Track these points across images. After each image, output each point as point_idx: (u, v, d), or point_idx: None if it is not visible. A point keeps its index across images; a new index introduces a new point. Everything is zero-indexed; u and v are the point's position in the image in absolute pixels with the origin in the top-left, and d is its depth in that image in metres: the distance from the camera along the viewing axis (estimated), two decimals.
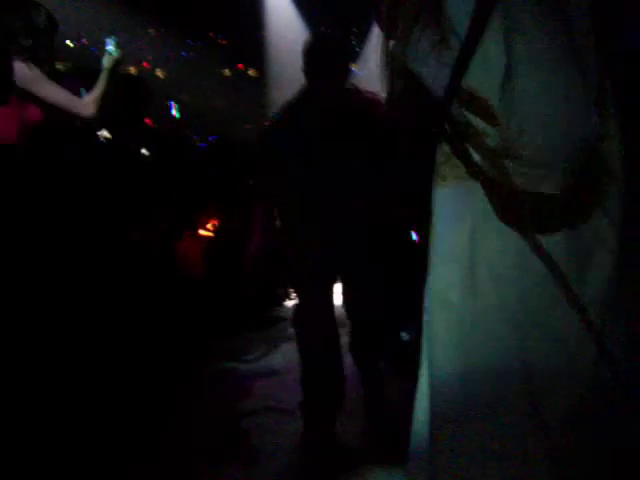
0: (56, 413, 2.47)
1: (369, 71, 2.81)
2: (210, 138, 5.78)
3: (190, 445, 2.83)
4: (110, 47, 2.98)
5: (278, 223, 2.90)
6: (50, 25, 2.81)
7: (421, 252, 3.39)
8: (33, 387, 2.39)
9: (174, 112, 4.96)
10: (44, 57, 2.77)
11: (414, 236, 3.55)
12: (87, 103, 2.86)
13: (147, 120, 4.48)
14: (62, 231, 2.67)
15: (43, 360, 2.44)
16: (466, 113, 1.38)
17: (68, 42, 6.56)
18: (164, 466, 2.64)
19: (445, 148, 1.45)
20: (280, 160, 2.72)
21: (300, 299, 2.86)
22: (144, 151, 3.90)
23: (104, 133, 3.49)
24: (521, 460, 1.35)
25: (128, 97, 3.87)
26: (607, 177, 1.37)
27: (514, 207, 1.36)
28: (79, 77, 3.68)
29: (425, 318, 1.49)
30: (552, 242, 1.35)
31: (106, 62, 2.96)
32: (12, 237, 2.39)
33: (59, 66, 4.74)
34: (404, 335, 3.93)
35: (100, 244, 2.99)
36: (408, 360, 3.58)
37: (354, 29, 7.76)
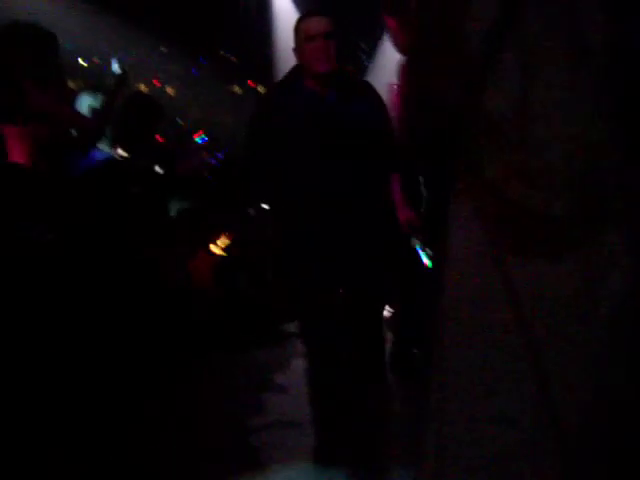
0: (57, 413, 2.46)
1: (378, 85, 2.82)
2: (219, 155, 5.80)
3: (198, 459, 2.82)
4: (115, 66, 3.08)
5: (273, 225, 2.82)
6: (48, 42, 2.84)
7: (432, 268, 3.37)
8: (34, 387, 2.38)
9: (199, 140, 5.04)
10: (48, 74, 2.81)
11: (423, 256, 3.53)
12: (91, 118, 2.93)
13: (158, 137, 4.52)
14: (76, 245, 2.69)
15: (45, 360, 2.43)
16: (482, 133, 1.39)
17: (80, 61, 6.65)
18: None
19: (460, 167, 1.46)
20: (272, 141, 2.61)
21: (302, 317, 2.75)
22: (156, 168, 3.94)
23: (119, 151, 3.53)
24: (535, 467, 1.36)
25: (139, 114, 3.91)
26: (617, 193, 1.37)
27: (527, 230, 1.37)
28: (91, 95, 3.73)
29: (436, 333, 1.50)
30: (565, 262, 1.36)
31: (112, 81, 3.06)
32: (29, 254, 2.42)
33: (71, 84, 4.80)
34: (414, 349, 3.92)
35: (110, 256, 3.01)
36: (417, 373, 3.58)
37: (363, 45, 7.81)
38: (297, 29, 2.67)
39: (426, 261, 3.51)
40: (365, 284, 2.67)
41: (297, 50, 2.67)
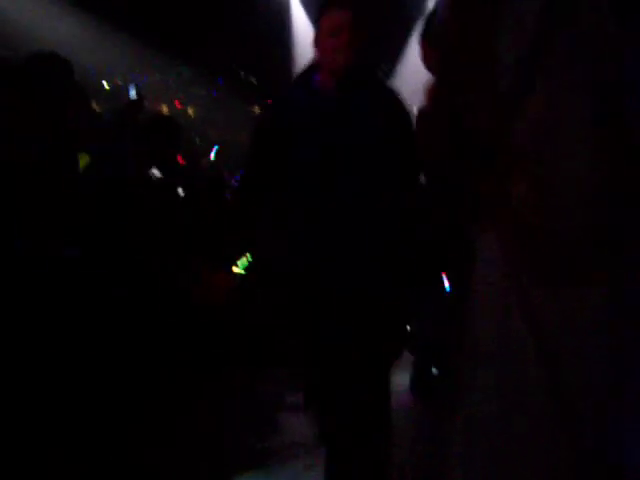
0: (57, 413, 2.46)
1: None
2: (237, 176, 5.84)
3: (200, 460, 2.82)
4: (132, 92, 3.22)
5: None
6: (53, 67, 2.89)
7: (451, 288, 3.34)
8: (35, 387, 2.39)
9: (212, 155, 5.11)
10: (60, 97, 2.86)
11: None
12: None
13: (179, 158, 4.57)
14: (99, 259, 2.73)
15: (46, 361, 2.44)
16: (506, 159, 1.40)
17: (105, 84, 6.77)
18: None
19: (482, 194, 1.47)
20: (280, 140, 2.41)
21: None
22: (179, 189, 3.98)
23: (154, 171, 3.59)
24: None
25: (159, 136, 3.96)
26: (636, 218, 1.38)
27: (549, 258, 1.38)
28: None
29: (461, 363, 1.51)
30: (585, 291, 1.37)
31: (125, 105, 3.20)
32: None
33: (95, 106, 4.89)
34: (434, 370, 3.90)
35: (128, 269, 3.04)
36: (436, 394, 3.56)
37: (383, 65, 7.87)
38: (318, 20, 2.45)
39: (445, 281, 3.50)
40: (374, 293, 2.44)
41: (316, 43, 2.44)
